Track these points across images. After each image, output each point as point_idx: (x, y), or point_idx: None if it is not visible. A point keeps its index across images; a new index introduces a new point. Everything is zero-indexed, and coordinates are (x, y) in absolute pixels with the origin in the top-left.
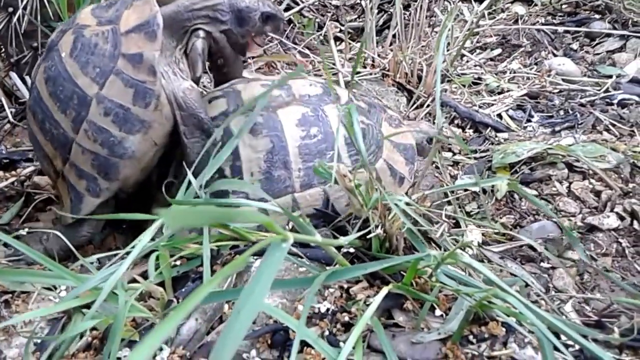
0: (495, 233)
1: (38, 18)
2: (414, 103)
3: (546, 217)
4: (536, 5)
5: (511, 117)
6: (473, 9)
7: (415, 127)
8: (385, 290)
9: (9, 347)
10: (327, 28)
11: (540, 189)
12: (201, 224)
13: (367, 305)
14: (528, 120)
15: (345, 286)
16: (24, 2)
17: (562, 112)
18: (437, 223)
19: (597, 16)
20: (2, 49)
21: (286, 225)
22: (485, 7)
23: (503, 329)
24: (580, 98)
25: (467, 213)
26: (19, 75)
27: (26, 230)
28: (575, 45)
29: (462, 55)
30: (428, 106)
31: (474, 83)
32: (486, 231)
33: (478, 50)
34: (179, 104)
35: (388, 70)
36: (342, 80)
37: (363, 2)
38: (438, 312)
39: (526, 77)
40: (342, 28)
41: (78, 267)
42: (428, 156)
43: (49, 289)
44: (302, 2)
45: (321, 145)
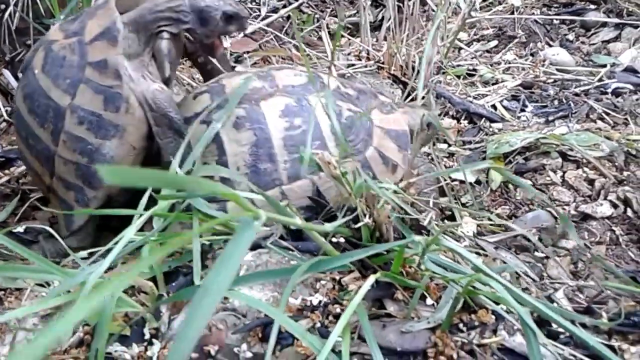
0: (490, 224)
1: (30, 15)
2: (409, 95)
3: (541, 207)
4: None
5: (505, 108)
6: (470, 1)
7: (411, 114)
8: (372, 278)
9: (2, 345)
10: (322, 24)
11: (534, 179)
12: (143, 185)
13: None
14: (522, 110)
15: (337, 278)
16: None
17: (556, 102)
18: (424, 212)
19: (593, 6)
20: None
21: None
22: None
23: (492, 317)
24: (574, 87)
25: (463, 204)
26: (13, 73)
27: (23, 228)
28: (571, 35)
29: (460, 48)
30: (423, 98)
31: (469, 74)
32: (481, 222)
33: (475, 42)
34: (150, 106)
35: (383, 62)
36: (335, 72)
37: None
38: (429, 302)
39: (521, 68)
40: (340, 24)
41: (70, 263)
42: (418, 140)
43: (42, 286)
44: None
45: (306, 135)
